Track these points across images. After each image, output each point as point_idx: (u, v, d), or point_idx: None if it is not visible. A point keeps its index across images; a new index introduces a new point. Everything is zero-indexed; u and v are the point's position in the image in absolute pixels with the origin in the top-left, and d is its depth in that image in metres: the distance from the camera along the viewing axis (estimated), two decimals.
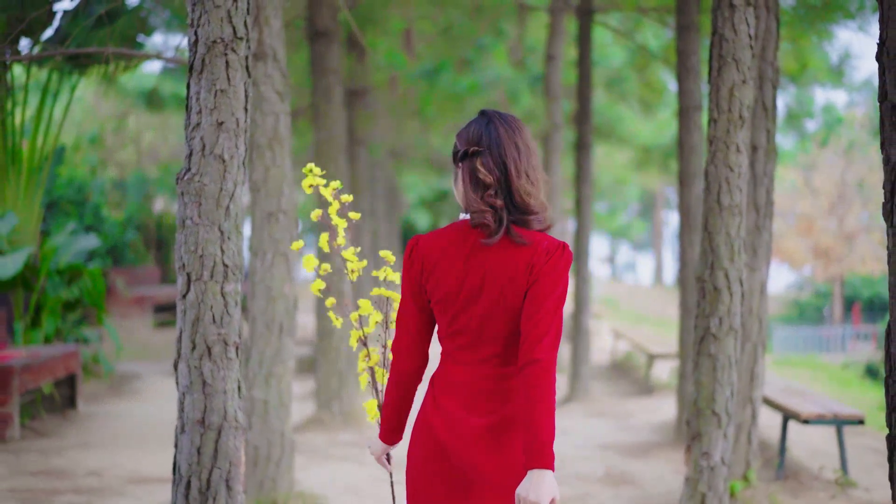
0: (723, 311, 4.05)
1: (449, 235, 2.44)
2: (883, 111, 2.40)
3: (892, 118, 2.37)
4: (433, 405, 2.47)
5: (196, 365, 3.12)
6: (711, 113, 4.02)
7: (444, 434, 2.41)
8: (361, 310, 2.85)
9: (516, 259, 2.39)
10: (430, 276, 2.42)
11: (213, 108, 3.11)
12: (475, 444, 2.38)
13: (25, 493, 5.69)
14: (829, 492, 5.77)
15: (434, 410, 2.46)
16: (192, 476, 3.12)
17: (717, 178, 4.01)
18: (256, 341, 5.05)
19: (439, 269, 2.41)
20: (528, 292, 2.37)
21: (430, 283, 2.43)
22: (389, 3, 9.12)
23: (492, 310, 2.39)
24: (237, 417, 3.17)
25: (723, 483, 4.11)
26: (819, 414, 5.88)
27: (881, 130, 2.41)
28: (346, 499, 5.64)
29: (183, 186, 3.13)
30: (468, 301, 2.40)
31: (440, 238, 2.44)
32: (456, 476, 2.39)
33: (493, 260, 2.39)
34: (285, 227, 5.04)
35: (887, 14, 2.37)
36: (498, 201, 2.36)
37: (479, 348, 2.42)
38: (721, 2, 3.98)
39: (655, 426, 8.07)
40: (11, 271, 8.26)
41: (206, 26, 3.10)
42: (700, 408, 4.10)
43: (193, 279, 3.10)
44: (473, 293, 2.39)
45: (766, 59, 5.30)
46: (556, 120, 10.15)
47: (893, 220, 2.38)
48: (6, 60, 5.83)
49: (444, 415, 2.43)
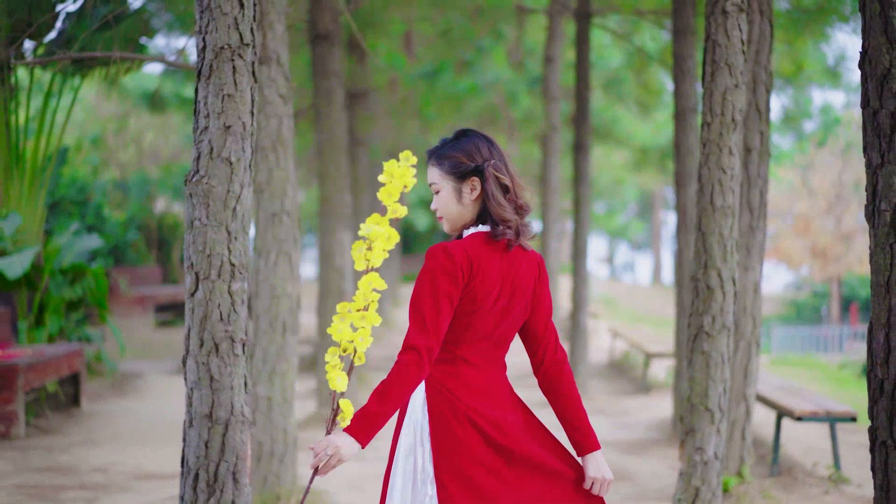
0: (716, 310, 4.15)
1: (476, 245, 2.52)
2: (865, 117, 2.51)
3: (874, 124, 2.48)
4: (473, 412, 2.51)
5: (204, 361, 3.21)
6: (705, 116, 4.12)
7: (501, 437, 2.50)
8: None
9: (531, 264, 2.59)
10: (472, 283, 2.48)
11: (221, 113, 3.20)
12: (525, 435, 2.54)
13: (32, 489, 5.78)
14: (822, 488, 5.87)
15: (477, 416, 2.50)
16: (200, 469, 3.22)
17: (711, 179, 4.12)
18: (260, 339, 5.15)
19: (480, 276, 2.49)
20: (537, 295, 2.59)
21: (472, 291, 2.48)
22: (390, 5, 9.22)
23: (520, 315, 2.57)
24: (243, 412, 3.27)
25: (716, 477, 4.21)
26: (812, 411, 5.99)
27: (864, 135, 2.51)
28: (348, 494, 5.75)
29: (191, 188, 3.22)
30: (507, 308, 2.54)
31: (473, 247, 2.51)
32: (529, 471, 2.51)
33: (517, 267, 2.55)
34: (289, 227, 5.14)
35: (869, 24, 2.48)
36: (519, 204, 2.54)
37: (498, 351, 2.59)
38: (714, 8, 4.08)
39: (652, 424, 8.18)
40: (19, 271, 8.36)
41: (214, 33, 3.19)
42: (693, 404, 4.20)
43: (201, 278, 3.20)
44: (509, 300, 2.54)
45: (759, 63, 5.40)
46: (554, 121, 10.26)
47: (875, 222, 2.49)
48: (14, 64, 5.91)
49: (490, 419, 2.52)
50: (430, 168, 2.59)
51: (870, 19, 2.47)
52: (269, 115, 5.06)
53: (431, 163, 2.59)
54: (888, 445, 2.51)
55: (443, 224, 2.61)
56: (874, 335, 2.52)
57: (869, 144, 2.49)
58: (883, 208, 2.47)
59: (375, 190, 15.49)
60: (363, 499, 5.65)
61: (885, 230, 2.48)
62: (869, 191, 2.51)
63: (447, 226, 2.60)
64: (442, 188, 2.57)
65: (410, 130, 13.86)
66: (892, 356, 2.50)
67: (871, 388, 2.56)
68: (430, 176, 2.59)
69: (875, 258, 2.52)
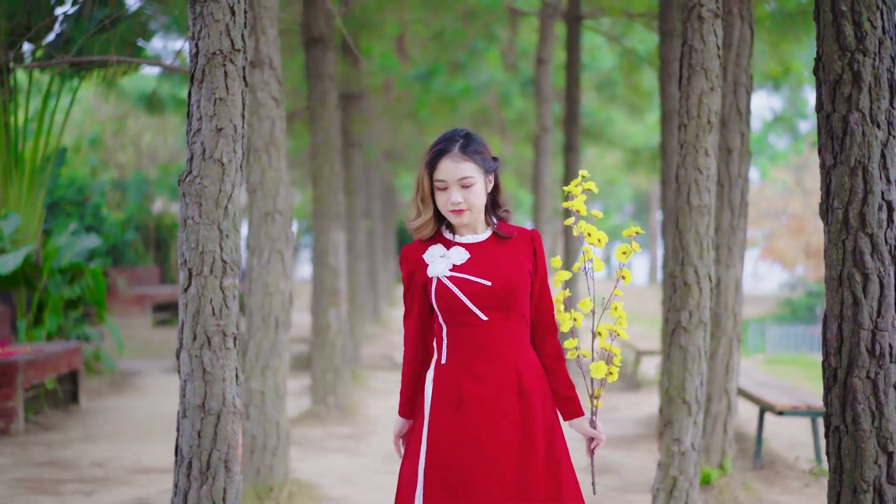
0: (692, 305, 4.30)
1: None
2: (819, 120, 2.66)
3: (827, 127, 2.63)
4: None
5: (197, 354, 3.35)
6: (681, 118, 4.26)
7: None
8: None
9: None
10: None
11: (213, 116, 3.34)
12: None
13: (33, 482, 5.92)
14: (803, 480, 6.02)
15: None
16: (193, 457, 3.35)
17: (688, 179, 4.26)
18: (254, 335, 5.29)
19: None
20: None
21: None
22: (384, 8, 9.35)
23: None
24: (235, 403, 3.41)
25: (693, 467, 4.36)
26: (793, 405, 6.14)
27: (818, 137, 2.66)
28: (339, 487, 5.88)
29: (184, 188, 3.36)
30: None
31: None
32: None
33: None
34: (281, 226, 5.29)
35: (822, 33, 2.62)
36: None
37: None
38: (691, 14, 4.22)
39: (640, 419, 8.32)
40: (11, 267, 8.49)
41: (206, 39, 3.33)
42: (671, 396, 4.35)
43: (194, 274, 3.34)
44: None
45: (740, 66, 5.55)
46: (546, 122, 10.40)
47: (829, 219, 2.63)
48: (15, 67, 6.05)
49: None
50: (464, 162, 2.68)
51: (823, 28, 2.62)
52: (262, 118, 5.20)
53: (464, 157, 2.69)
54: (841, 430, 2.66)
55: (464, 216, 2.71)
56: (828, 326, 2.67)
57: (823, 146, 2.64)
58: (836, 206, 2.62)
59: (369, 191, 15.64)
60: (355, 492, 5.79)
61: (838, 227, 2.62)
62: (823, 190, 2.66)
63: (469, 217, 2.71)
64: (476, 181, 2.70)
65: (405, 131, 14.00)
66: (844, 347, 2.64)
67: (825, 377, 2.71)
68: (465, 170, 2.68)
69: (829, 254, 2.67)
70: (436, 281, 2.70)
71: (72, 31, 8.45)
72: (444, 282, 2.69)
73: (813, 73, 2.67)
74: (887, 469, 2.61)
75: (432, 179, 2.71)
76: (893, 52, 2.60)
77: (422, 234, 2.77)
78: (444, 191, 2.70)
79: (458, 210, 2.69)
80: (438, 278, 2.70)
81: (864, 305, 2.60)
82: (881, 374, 2.62)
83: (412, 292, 2.78)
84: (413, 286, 2.77)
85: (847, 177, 2.60)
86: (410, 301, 2.79)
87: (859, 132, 2.59)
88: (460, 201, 2.68)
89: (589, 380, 2.70)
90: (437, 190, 2.71)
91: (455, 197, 2.68)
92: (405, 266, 2.80)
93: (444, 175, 2.69)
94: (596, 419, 2.73)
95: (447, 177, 2.68)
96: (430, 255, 2.75)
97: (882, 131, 2.59)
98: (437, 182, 2.70)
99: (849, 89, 2.60)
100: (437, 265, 2.71)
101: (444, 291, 2.68)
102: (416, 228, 2.77)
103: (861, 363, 2.62)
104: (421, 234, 2.77)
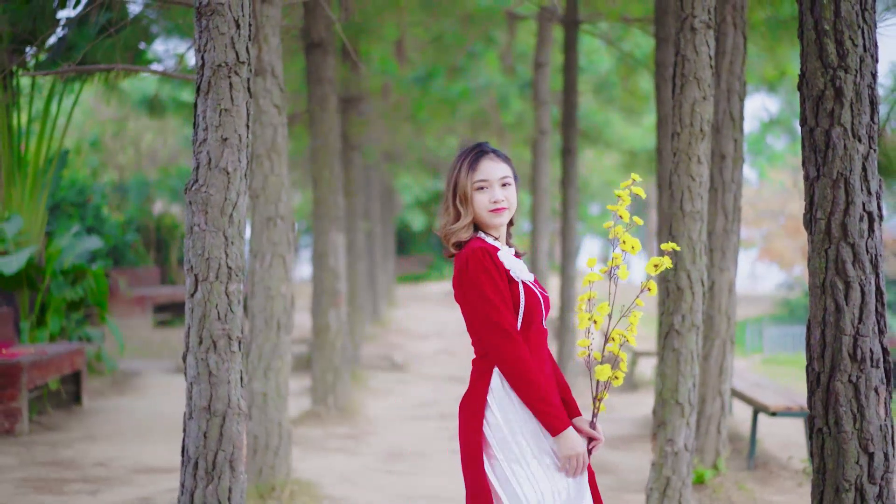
0: (685, 309, 4.40)
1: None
2: (803, 134, 2.77)
3: (811, 140, 2.74)
4: None
5: (203, 357, 3.45)
6: (674, 127, 4.36)
7: None
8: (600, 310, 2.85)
9: None
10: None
11: (218, 126, 3.44)
12: None
13: (37, 482, 6.02)
14: (796, 480, 6.13)
15: None
16: (199, 457, 3.45)
17: (681, 186, 4.36)
18: (256, 337, 5.39)
19: None
20: None
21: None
22: (383, 12, 9.45)
23: None
24: (240, 405, 3.51)
25: (686, 467, 4.46)
26: (786, 406, 6.24)
27: (802, 150, 2.77)
28: (340, 487, 5.99)
29: (191, 196, 3.46)
30: None
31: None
32: None
33: None
34: (283, 231, 5.39)
35: (806, 50, 2.73)
36: None
37: None
38: (683, 24, 4.32)
39: (636, 420, 8.43)
40: (15, 268, 8.59)
41: (212, 52, 3.43)
42: (665, 398, 4.45)
43: (200, 280, 3.44)
44: None
45: (734, 74, 5.66)
46: (544, 125, 10.50)
47: (812, 229, 2.74)
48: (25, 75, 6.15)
49: None
50: (503, 163, 2.83)
51: (807, 46, 2.73)
52: (265, 125, 5.30)
53: (502, 159, 2.84)
54: (824, 432, 2.77)
55: (503, 215, 2.80)
56: (812, 332, 2.77)
57: (806, 159, 2.75)
58: (819, 217, 2.73)
59: (368, 193, 15.74)
60: (355, 491, 5.89)
61: (821, 237, 2.73)
62: (807, 201, 2.76)
63: (508, 216, 2.82)
64: (512, 184, 2.83)
65: (404, 132, 14.09)
66: (826, 352, 2.75)
67: (809, 381, 2.81)
68: (504, 170, 2.81)
69: (812, 262, 2.78)
70: (523, 285, 2.76)
71: (75, 36, 8.54)
72: (531, 287, 2.78)
73: (797, 89, 2.78)
74: (868, 469, 2.72)
75: (470, 182, 2.78)
76: (874, 70, 2.71)
77: (461, 237, 2.80)
78: (485, 190, 2.79)
79: (499, 208, 2.78)
80: (525, 282, 2.77)
81: (846, 312, 2.71)
82: (862, 377, 2.73)
83: (505, 282, 2.74)
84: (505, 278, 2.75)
85: (829, 188, 2.71)
86: (508, 303, 2.74)
87: (841, 146, 2.70)
88: (502, 198, 2.77)
89: (594, 382, 2.78)
90: (476, 191, 2.78)
91: (498, 195, 2.77)
92: (498, 259, 2.76)
93: (486, 174, 2.78)
94: (596, 420, 2.81)
95: (489, 175, 2.78)
96: (506, 259, 2.78)
97: (863, 145, 2.70)
98: (477, 182, 2.78)
99: (831, 105, 2.70)
100: (519, 269, 2.78)
101: (532, 296, 2.76)
102: (456, 231, 2.80)
103: (843, 367, 2.73)
104: (460, 237, 2.80)
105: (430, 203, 30.61)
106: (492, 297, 2.69)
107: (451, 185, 2.83)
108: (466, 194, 2.79)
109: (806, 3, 2.74)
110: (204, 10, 3.42)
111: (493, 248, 2.77)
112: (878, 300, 2.72)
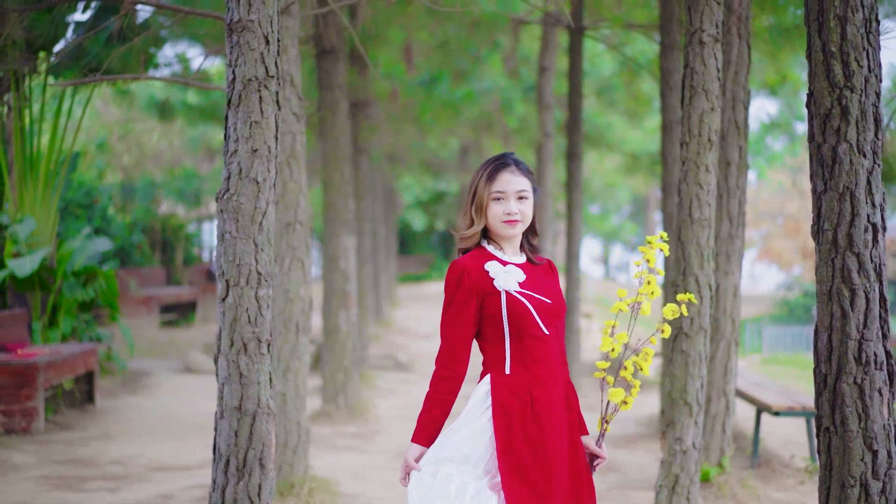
0: (693, 312, 4.56)
1: None
2: (811, 150, 2.93)
3: (819, 156, 2.90)
4: None
5: (234, 359, 3.60)
6: (683, 137, 4.52)
7: None
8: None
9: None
10: None
11: (249, 138, 3.59)
12: None
13: (57, 479, 6.16)
14: (798, 478, 6.29)
15: None
16: (231, 455, 3.60)
17: (689, 194, 4.52)
18: (275, 339, 5.54)
19: None
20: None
21: None
22: (391, 18, 9.59)
23: None
24: (269, 405, 3.66)
25: (694, 465, 4.62)
26: (789, 406, 6.40)
27: (810, 165, 2.93)
28: (353, 484, 6.15)
29: (222, 205, 3.61)
30: None
31: None
32: None
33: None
34: (301, 235, 5.54)
35: (814, 70, 2.89)
36: None
37: None
38: (692, 38, 4.48)
39: (641, 419, 8.59)
40: (28, 270, 8.73)
41: (243, 66, 3.58)
42: (674, 398, 4.61)
43: (232, 285, 3.58)
44: None
45: (738, 83, 5.82)
46: (548, 129, 10.65)
47: (819, 240, 2.90)
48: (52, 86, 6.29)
49: None
50: (523, 177, 2.90)
51: (815, 67, 2.90)
52: (284, 133, 5.45)
53: (523, 172, 2.91)
54: (830, 431, 2.93)
55: (516, 227, 2.89)
56: (819, 336, 2.94)
57: (814, 173, 2.91)
58: (826, 228, 2.89)
59: (376, 196, 15.86)
60: (367, 488, 6.05)
61: (828, 247, 2.89)
62: (814, 213, 2.93)
63: (520, 229, 2.91)
64: (529, 198, 2.92)
65: (407, 133, 14.22)
66: (833, 355, 2.92)
67: (816, 383, 2.98)
68: (523, 183, 2.89)
69: (819, 271, 2.94)
70: (505, 294, 2.82)
71: (88, 42, 8.67)
72: (514, 295, 2.83)
73: (805, 107, 2.94)
74: (872, 465, 2.88)
75: (487, 191, 2.88)
76: (878, 89, 2.87)
77: (468, 243, 2.92)
78: (501, 201, 2.88)
79: (512, 220, 2.87)
80: (508, 291, 2.82)
81: (852, 318, 2.87)
82: (867, 380, 2.89)
83: (469, 304, 2.82)
84: (473, 298, 2.82)
85: (836, 201, 2.87)
86: (465, 314, 2.83)
87: (847, 161, 2.86)
88: (516, 212, 2.87)
89: (605, 403, 2.89)
90: (492, 201, 2.88)
91: (512, 207, 2.87)
92: (468, 278, 2.83)
93: (504, 186, 2.87)
94: (602, 440, 2.93)
95: (506, 188, 2.87)
96: (493, 269, 2.85)
97: (868, 160, 2.86)
98: (494, 193, 2.87)
99: (837, 122, 2.86)
100: (504, 279, 2.84)
101: (517, 304, 2.80)
102: (466, 238, 2.92)
103: (849, 370, 2.90)
104: (467, 244, 2.92)
105: (431, 203, 30.77)
106: (445, 314, 2.86)
107: (471, 192, 2.93)
108: (483, 203, 2.88)
109: (814, 27, 2.91)
110: (235, 27, 3.57)
111: (475, 265, 2.85)
112: (881, 306, 2.89)
